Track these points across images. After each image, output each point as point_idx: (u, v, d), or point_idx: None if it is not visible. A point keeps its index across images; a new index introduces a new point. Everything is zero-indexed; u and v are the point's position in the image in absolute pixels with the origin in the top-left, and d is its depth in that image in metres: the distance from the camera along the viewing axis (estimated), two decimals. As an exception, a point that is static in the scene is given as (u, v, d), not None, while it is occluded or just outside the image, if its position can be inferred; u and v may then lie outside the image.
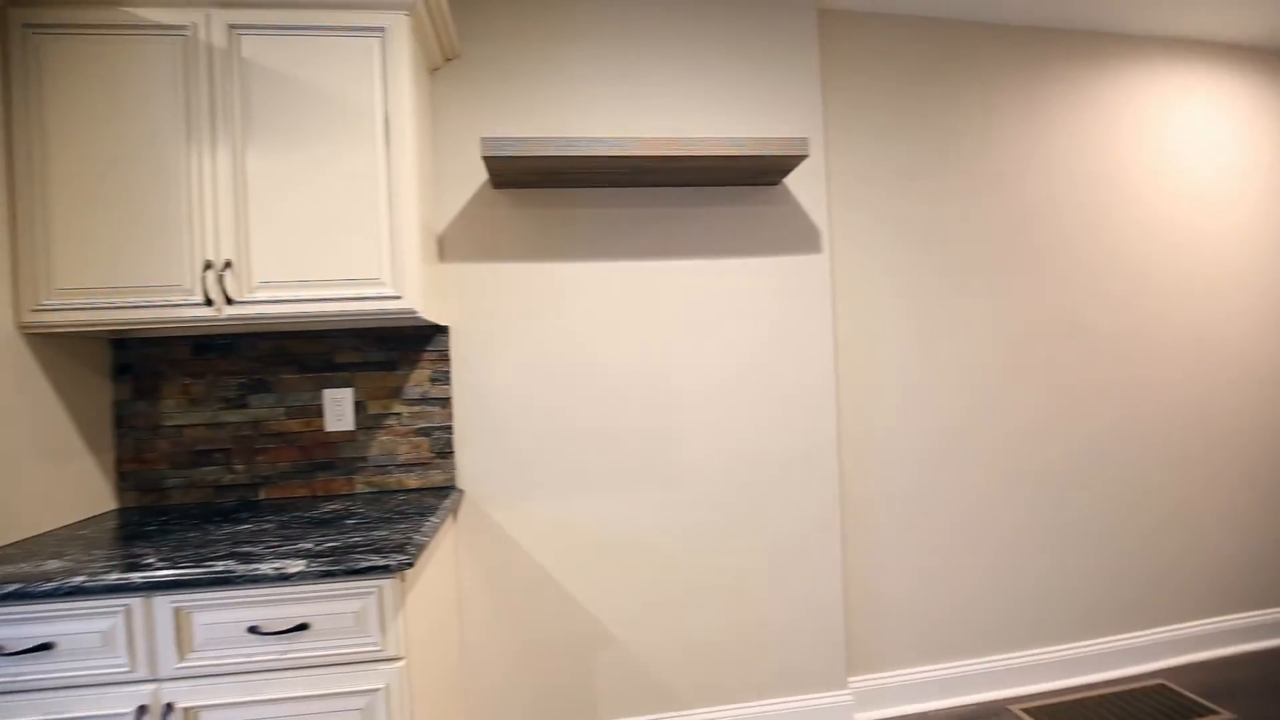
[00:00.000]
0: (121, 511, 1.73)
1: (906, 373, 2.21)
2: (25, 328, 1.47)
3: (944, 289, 2.24)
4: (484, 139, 1.65)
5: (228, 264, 1.48)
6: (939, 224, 2.24)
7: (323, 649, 1.23)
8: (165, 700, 1.20)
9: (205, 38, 1.50)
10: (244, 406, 1.81)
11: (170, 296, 1.48)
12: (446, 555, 1.71)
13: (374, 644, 1.24)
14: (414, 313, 1.55)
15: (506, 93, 1.93)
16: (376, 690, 1.23)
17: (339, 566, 1.20)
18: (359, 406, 1.84)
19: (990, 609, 2.26)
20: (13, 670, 1.18)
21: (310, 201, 1.52)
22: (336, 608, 1.23)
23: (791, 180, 2.07)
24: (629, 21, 1.98)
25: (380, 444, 1.84)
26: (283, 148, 1.52)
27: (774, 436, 2.04)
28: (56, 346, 1.58)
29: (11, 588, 1.15)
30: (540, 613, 1.92)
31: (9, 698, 1.18)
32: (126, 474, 1.79)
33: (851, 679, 2.13)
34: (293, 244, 1.51)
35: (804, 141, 1.77)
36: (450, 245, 1.90)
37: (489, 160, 1.68)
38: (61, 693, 1.19)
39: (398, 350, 1.86)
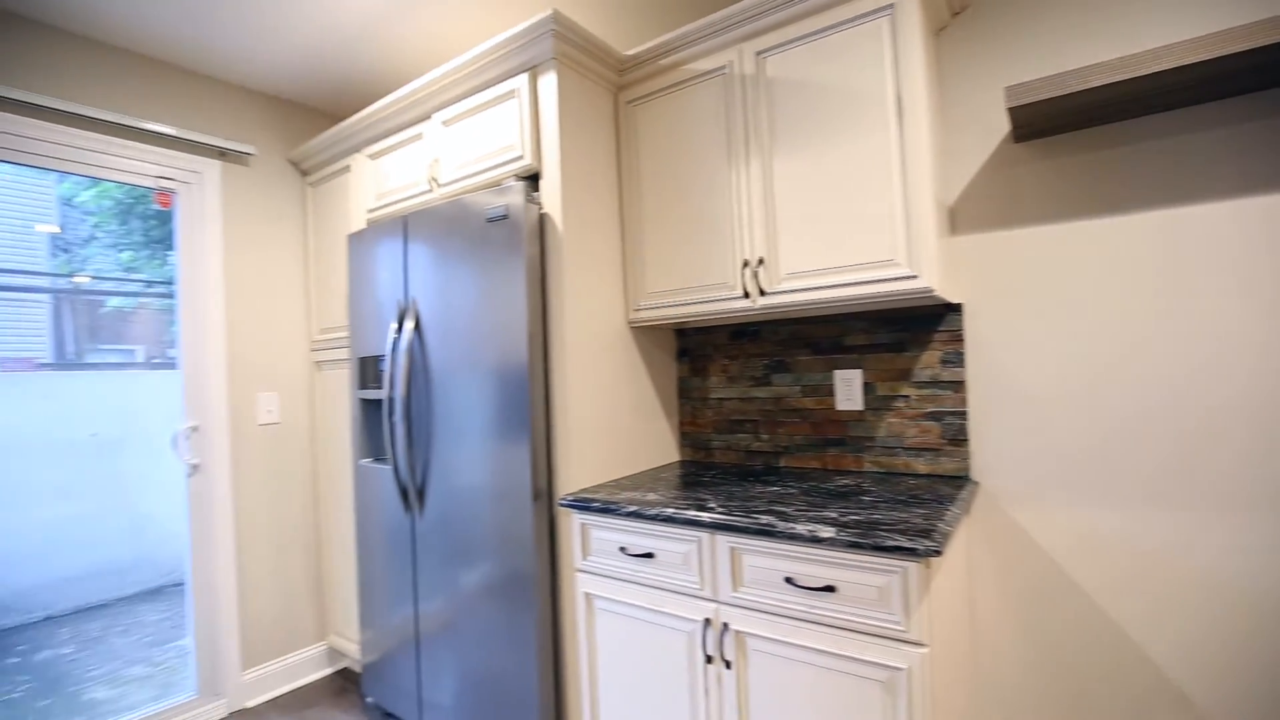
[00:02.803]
0: (682, 463, 2.21)
1: None
2: (631, 323, 2.03)
3: None
4: (1008, 88, 1.45)
5: (760, 261, 1.72)
6: None
7: (847, 614, 1.30)
8: (723, 620, 1.48)
9: (739, 70, 1.76)
10: (768, 384, 2.08)
11: (718, 292, 1.81)
12: (958, 548, 1.60)
13: (897, 623, 1.24)
14: (930, 291, 1.49)
15: (1031, 31, 1.65)
16: (899, 669, 1.24)
17: (866, 540, 1.24)
18: (867, 387, 1.89)
19: None
20: (632, 566, 1.64)
21: (826, 194, 1.62)
22: (861, 579, 1.28)
23: None
24: None
25: (888, 425, 1.85)
26: (800, 149, 1.66)
27: None
28: (645, 336, 2.13)
29: (631, 508, 1.60)
30: (1065, 628, 1.61)
31: (627, 585, 1.65)
32: (685, 434, 2.28)
33: None
34: (813, 236, 1.64)
35: None
36: (962, 216, 1.75)
37: (1015, 111, 1.47)
38: (659, 592, 1.59)
39: (906, 331, 1.82)
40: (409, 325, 2.02)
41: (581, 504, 1.70)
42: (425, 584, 2.04)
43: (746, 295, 1.75)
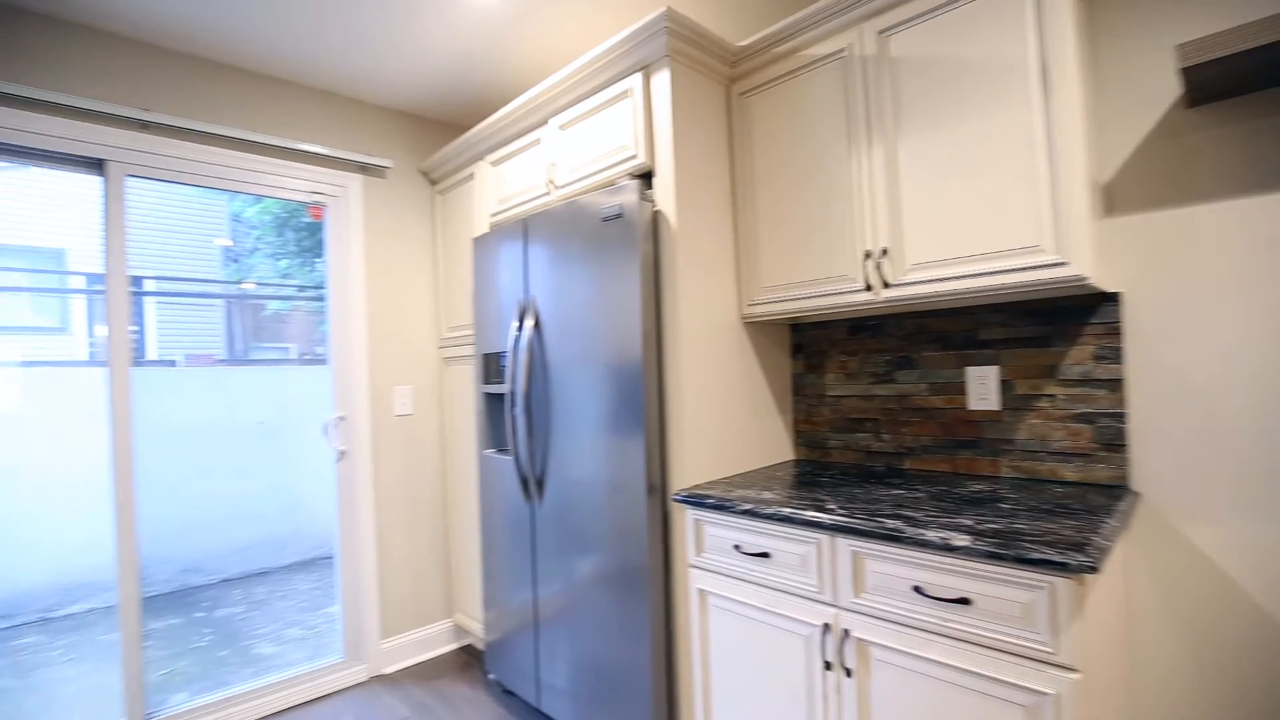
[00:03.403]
0: (797, 462, 2.15)
1: None
2: (744, 318, 2.00)
3: None
4: (1180, 46, 1.28)
5: (884, 251, 1.63)
6: None
7: (985, 629, 1.21)
8: (843, 626, 1.42)
9: (859, 52, 1.68)
10: (890, 381, 1.98)
11: (836, 285, 1.74)
12: (1116, 564, 1.44)
13: (1044, 644, 1.14)
14: (1082, 280, 1.35)
15: (1211, -25, 1.44)
16: (1045, 695, 1.13)
17: (1007, 551, 1.15)
18: (1004, 385, 1.74)
19: None
20: (746, 565, 1.62)
21: (958, 178, 1.51)
22: (1001, 592, 1.19)
23: None
24: None
25: (1029, 427, 1.70)
26: (928, 131, 1.55)
27: None
28: (758, 331, 2.09)
29: (746, 506, 1.57)
30: (1241, 656, 1.39)
31: (741, 584, 1.63)
32: (800, 432, 2.22)
33: None
34: (942, 223, 1.53)
35: None
36: (1120, 194, 1.57)
37: (1189, 72, 1.29)
38: (775, 593, 1.55)
39: (1051, 324, 1.66)
40: (529, 323, 2.11)
41: (695, 500, 1.70)
42: (544, 570, 2.13)
43: (868, 288, 1.67)
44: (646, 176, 1.89)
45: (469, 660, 2.80)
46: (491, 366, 2.37)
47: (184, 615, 3.92)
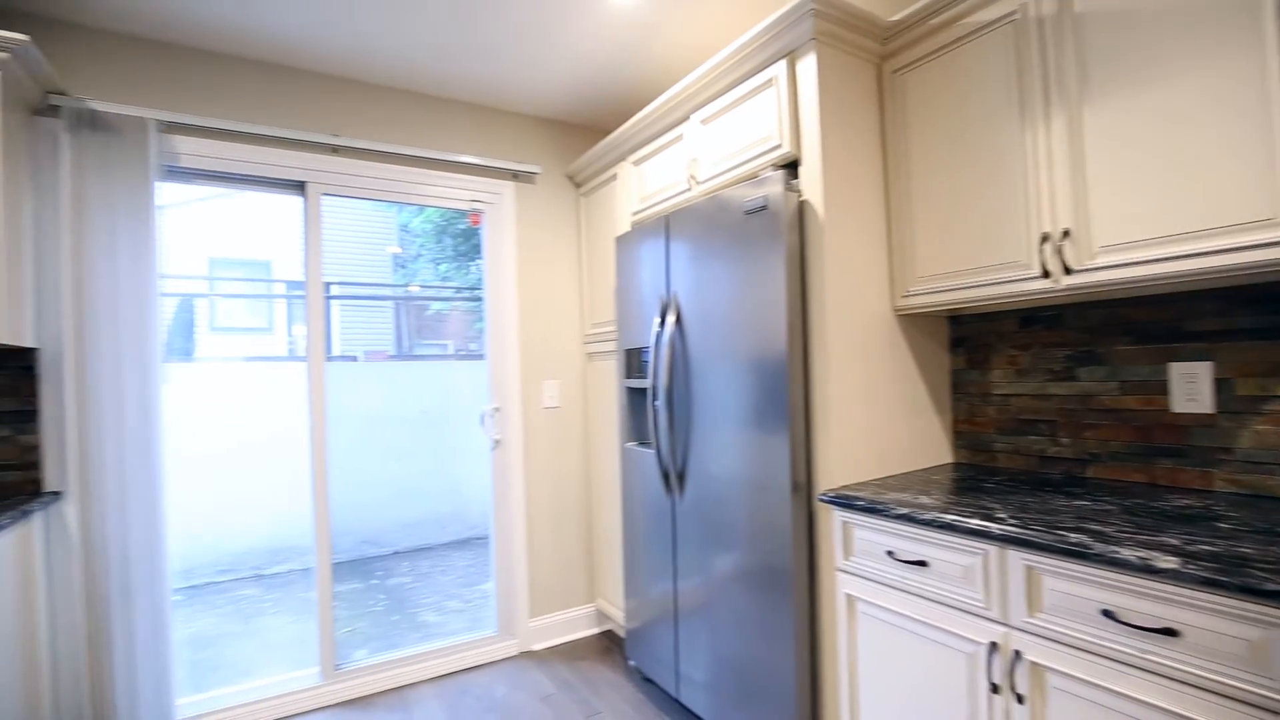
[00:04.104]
0: (956, 466, 1.99)
1: None
2: (897, 311, 1.88)
3: None
4: None
5: (1065, 234, 1.46)
6: None
7: (1197, 667, 1.04)
8: (1014, 646, 1.29)
9: (1035, 12, 1.51)
10: (1071, 379, 1.77)
11: (1006, 273, 1.58)
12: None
13: (1278, 693, 0.96)
14: (1336, 258, 1.12)
15: None
16: (1284, 750, 0.96)
17: (1229, 579, 0.98)
18: (1220, 385, 1.49)
19: None
20: (899, 573, 1.52)
21: (1160, 145, 1.31)
22: (1219, 626, 1.02)
23: None
24: None
25: (1255, 435, 1.44)
26: (1123, 94, 1.36)
27: None
28: (913, 324, 1.96)
29: (902, 510, 1.48)
30: None
31: (893, 592, 1.53)
32: (960, 433, 2.05)
33: None
34: (1139, 199, 1.34)
35: None
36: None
37: None
38: (933, 604, 1.45)
39: (1287, 313, 1.39)
40: (670, 319, 2.14)
41: (844, 501, 1.63)
42: (684, 563, 2.15)
43: (1045, 274, 1.50)
44: (791, 166, 1.83)
45: (609, 645, 2.91)
46: (633, 362, 2.44)
47: (363, 581, 4.44)
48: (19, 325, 1.91)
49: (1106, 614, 1.15)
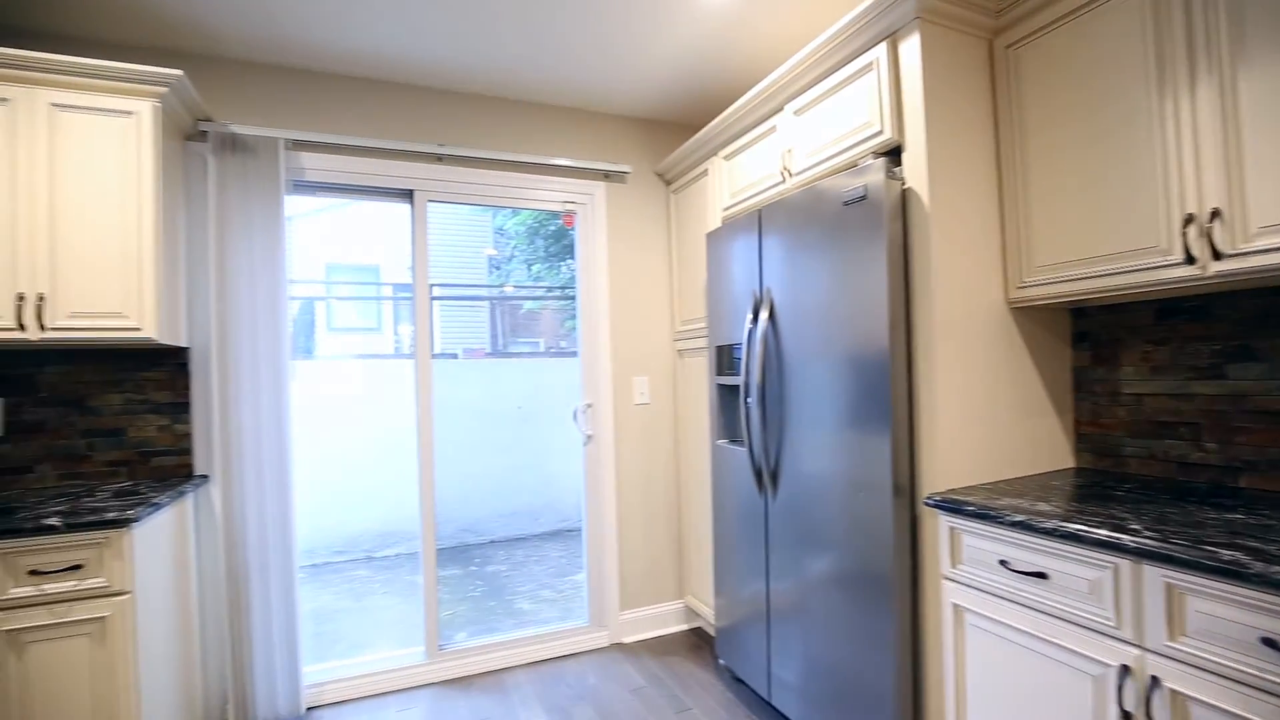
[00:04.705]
0: (1079, 471, 1.83)
1: None
2: (1012, 303, 1.76)
3: None
4: None
5: (1214, 214, 1.30)
6: None
7: (1390, 709, 0.90)
8: (1150, 672, 1.17)
9: (1178, -31, 1.36)
10: (1219, 377, 1.58)
11: (1143, 259, 1.44)
12: None
13: None
14: None
15: None
16: None
17: None
18: None
19: None
20: (1013, 584, 1.42)
21: (1340, 109, 1.14)
22: None
23: None
24: None
25: None
26: (1290, 53, 1.20)
27: None
28: (1029, 317, 1.82)
29: (1018, 517, 1.38)
30: None
31: (1006, 604, 1.43)
32: (1083, 435, 1.88)
33: None
34: (1311, 171, 1.18)
35: None
36: None
37: None
38: (1053, 620, 1.34)
39: None
40: (763, 315, 2.10)
41: (951, 506, 1.54)
42: (776, 563, 2.11)
43: (1190, 260, 1.35)
44: (893, 153, 1.75)
45: (699, 643, 2.90)
46: (724, 358, 2.42)
47: (462, 568, 4.68)
48: (177, 327, 2.16)
49: (1269, 643, 1.02)
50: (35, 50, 1.91)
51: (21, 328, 1.83)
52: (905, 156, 1.69)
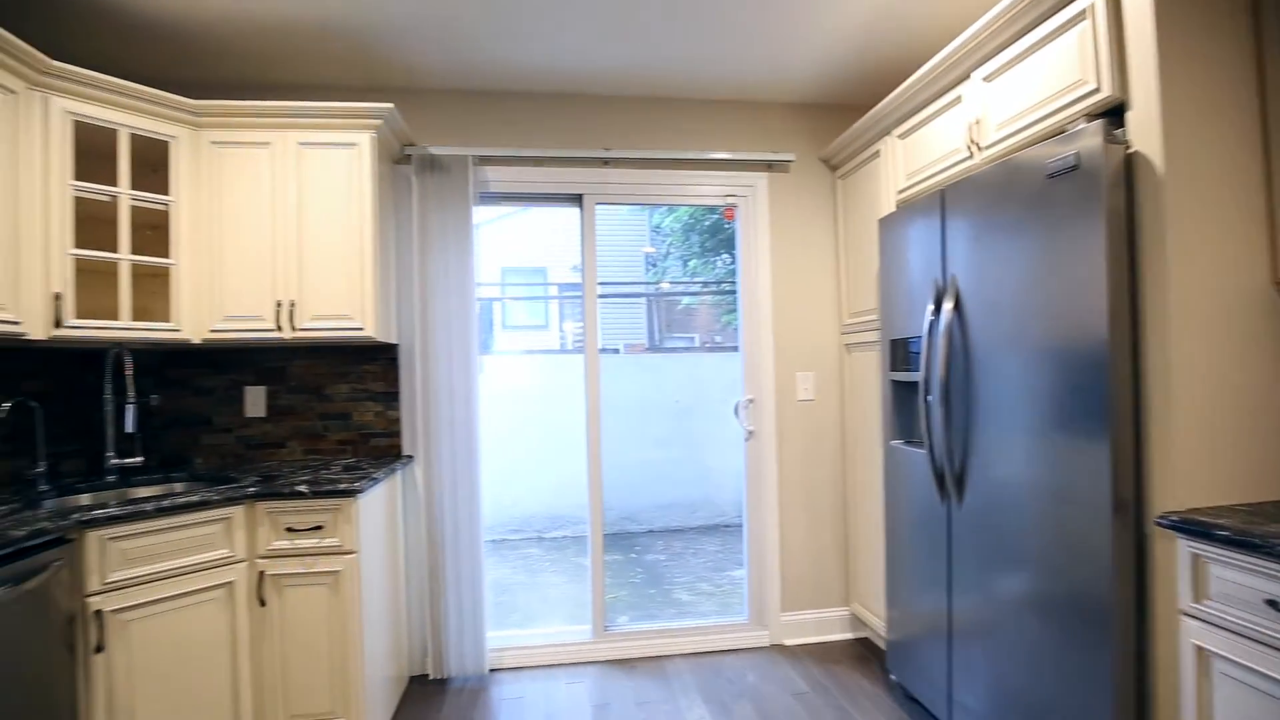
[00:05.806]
0: (1381, 495, 1.45)
1: None
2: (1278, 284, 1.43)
3: None
4: None
5: None
6: None
7: None
8: None
9: None
10: None
11: None
12: None
13: None
14: None
15: None
16: None
17: None
18: None
19: None
20: (1286, 630, 1.16)
21: None
22: None
23: None
24: None
25: None
26: None
27: None
28: (1305, 303, 1.47)
29: (1292, 548, 1.12)
30: None
31: (1274, 654, 1.17)
32: (1388, 452, 1.48)
33: None
34: None
35: None
36: None
37: None
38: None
39: None
40: (947, 305, 1.92)
41: (1195, 529, 1.29)
42: (960, 578, 1.92)
43: None
44: (1112, 113, 1.50)
45: (865, 654, 2.74)
46: (899, 353, 2.25)
47: (623, 554, 4.86)
48: (390, 326, 2.50)
49: None
50: (276, 100, 2.30)
51: (279, 329, 2.22)
52: (1130, 115, 1.44)
